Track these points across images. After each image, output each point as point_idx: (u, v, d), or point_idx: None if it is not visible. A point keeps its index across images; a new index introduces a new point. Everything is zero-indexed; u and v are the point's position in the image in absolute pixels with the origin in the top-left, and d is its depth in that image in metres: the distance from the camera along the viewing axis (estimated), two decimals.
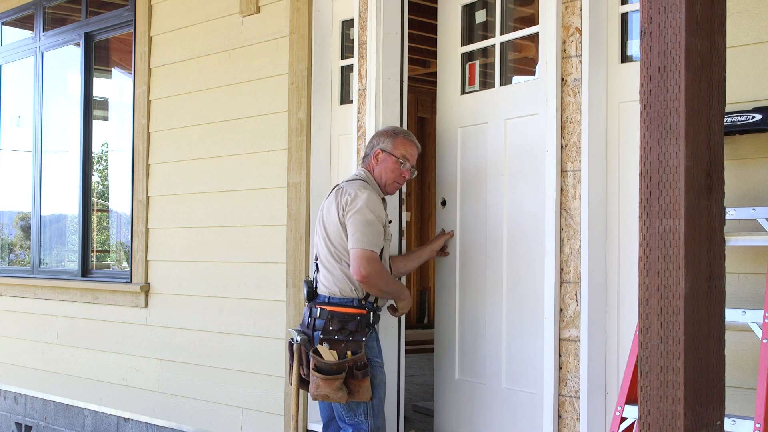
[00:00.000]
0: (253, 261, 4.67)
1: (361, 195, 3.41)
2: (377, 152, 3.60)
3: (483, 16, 4.13)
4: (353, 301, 3.43)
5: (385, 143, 3.61)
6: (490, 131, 3.95)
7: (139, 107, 5.38)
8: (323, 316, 3.41)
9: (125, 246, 6.12)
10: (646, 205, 1.63)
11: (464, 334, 4.07)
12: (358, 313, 3.42)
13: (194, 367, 4.96)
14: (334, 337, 3.37)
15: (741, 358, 2.89)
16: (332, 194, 3.55)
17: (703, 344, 1.61)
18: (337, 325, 3.38)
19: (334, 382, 3.30)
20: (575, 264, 3.41)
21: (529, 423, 3.67)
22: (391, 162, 3.59)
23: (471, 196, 4.05)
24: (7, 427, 6.37)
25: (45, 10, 6.40)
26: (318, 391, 3.33)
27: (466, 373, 4.06)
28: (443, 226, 4.18)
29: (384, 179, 3.61)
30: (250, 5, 4.70)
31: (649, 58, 1.63)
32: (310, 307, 3.48)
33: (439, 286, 4.24)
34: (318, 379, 3.31)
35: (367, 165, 3.65)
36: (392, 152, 3.59)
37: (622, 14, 3.42)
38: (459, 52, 4.16)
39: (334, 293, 3.44)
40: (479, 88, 4.11)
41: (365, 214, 3.37)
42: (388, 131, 3.68)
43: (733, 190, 2.90)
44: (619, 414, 2.91)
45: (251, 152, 4.71)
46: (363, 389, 3.35)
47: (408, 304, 3.62)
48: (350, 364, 3.33)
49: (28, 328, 6.21)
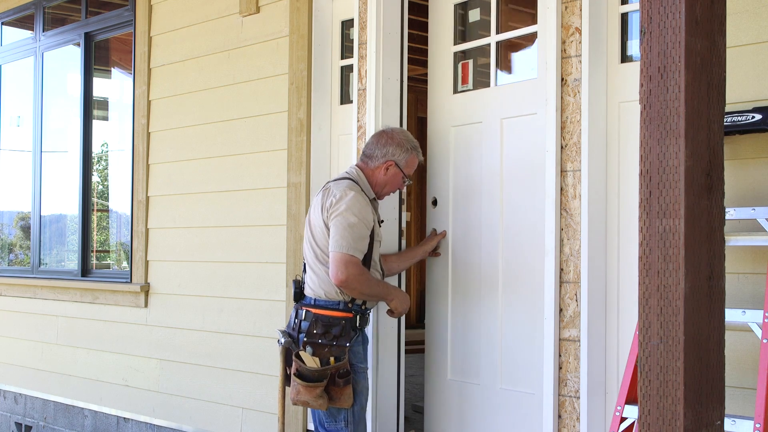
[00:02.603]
0: (253, 261, 4.66)
1: (346, 197, 3.33)
2: (390, 164, 3.51)
3: (477, 15, 4.12)
4: (339, 303, 3.36)
5: (400, 157, 3.53)
6: (484, 130, 3.94)
7: (139, 107, 5.38)
8: (308, 318, 3.35)
9: (125, 246, 6.12)
10: (646, 205, 1.62)
11: (457, 334, 4.05)
12: (343, 316, 3.35)
13: (194, 367, 4.96)
14: (318, 341, 3.31)
15: (741, 358, 2.89)
16: (319, 195, 3.49)
17: (703, 344, 1.61)
18: (321, 329, 3.32)
19: (315, 390, 3.24)
20: (575, 264, 3.41)
21: (528, 423, 3.67)
22: (399, 178, 3.55)
23: (464, 195, 4.04)
24: (6, 427, 6.37)
25: (45, 10, 6.40)
26: (298, 397, 3.28)
27: (459, 374, 4.04)
28: (435, 225, 4.17)
29: (385, 189, 3.57)
30: (250, 5, 4.70)
31: (649, 58, 1.63)
32: (297, 308, 3.43)
33: (431, 284, 4.21)
34: (299, 385, 3.26)
35: (366, 167, 3.55)
36: (403, 169, 3.55)
37: (622, 14, 3.42)
38: (451, 51, 4.14)
39: (319, 296, 3.38)
40: (473, 88, 4.10)
41: (347, 217, 3.29)
42: (402, 142, 3.56)
43: (733, 190, 2.90)
44: (619, 414, 2.91)
45: (251, 152, 4.71)
46: (344, 396, 3.29)
47: (402, 303, 3.53)
48: (333, 371, 3.27)
49: (28, 328, 6.21)
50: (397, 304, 3.50)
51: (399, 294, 3.53)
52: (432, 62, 4.25)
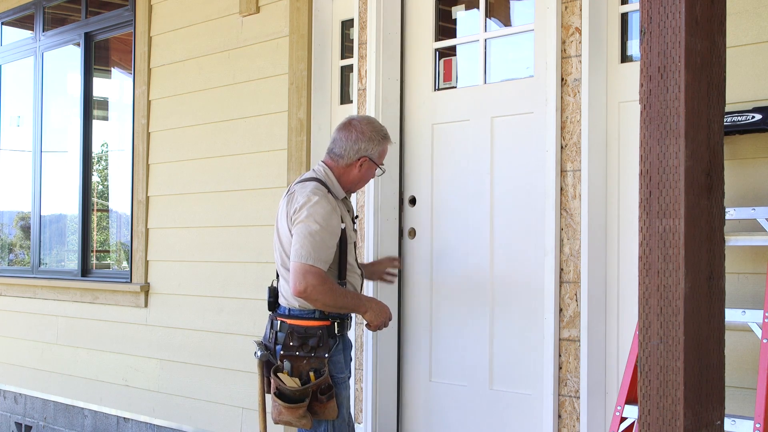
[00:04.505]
0: (253, 261, 4.66)
1: (309, 203, 3.11)
2: (363, 160, 3.27)
3: (463, 10, 4.11)
4: (314, 312, 3.15)
5: (374, 151, 3.29)
6: (472, 129, 3.91)
7: (139, 107, 5.38)
8: (284, 329, 3.17)
9: (125, 246, 6.12)
10: (646, 205, 1.62)
11: (440, 335, 4.00)
12: (320, 325, 3.15)
13: (194, 366, 4.96)
14: (296, 353, 3.13)
15: (741, 358, 2.89)
16: (284, 199, 3.28)
17: (703, 344, 1.61)
18: (297, 341, 3.13)
19: (298, 410, 3.08)
20: (575, 264, 3.41)
21: (525, 424, 3.66)
22: (373, 169, 3.33)
23: (448, 193, 4.00)
24: (6, 427, 6.37)
25: (45, 10, 6.40)
26: (280, 417, 3.12)
27: (441, 376, 4.00)
28: (413, 224, 4.13)
29: (358, 185, 3.35)
30: (250, 5, 4.70)
31: (649, 58, 1.63)
32: (272, 318, 3.26)
33: (410, 283, 4.12)
34: (280, 405, 3.10)
35: (336, 165, 3.29)
36: (377, 162, 3.31)
37: (622, 14, 3.42)
38: (432, 47, 4.11)
39: (293, 305, 3.19)
40: (457, 85, 4.08)
41: (309, 225, 3.08)
42: (372, 134, 3.30)
43: (733, 190, 2.90)
44: (619, 414, 2.91)
45: (251, 152, 4.71)
46: (329, 410, 3.12)
47: (378, 316, 3.24)
48: (314, 389, 3.09)
49: (27, 328, 6.21)
50: (372, 316, 3.23)
51: (373, 305, 3.25)
52: (410, 58, 4.18)
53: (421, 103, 4.14)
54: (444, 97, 4.07)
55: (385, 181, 4.08)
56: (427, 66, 4.12)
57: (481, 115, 3.89)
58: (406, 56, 4.20)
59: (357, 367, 4.14)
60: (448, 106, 4.03)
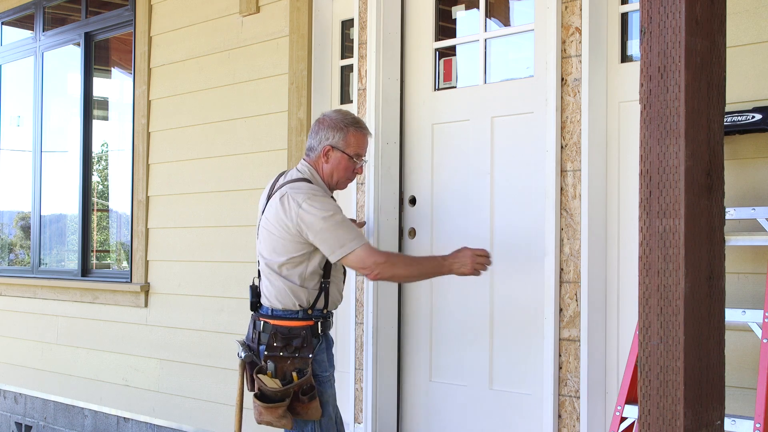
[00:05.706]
0: (253, 261, 4.64)
1: (315, 203, 3.06)
2: (327, 149, 3.19)
3: (463, 10, 4.11)
4: (298, 313, 3.14)
5: (336, 138, 3.19)
6: (472, 129, 3.91)
7: (139, 107, 5.38)
8: (267, 330, 3.14)
9: (125, 246, 6.12)
10: (646, 205, 1.63)
11: (440, 335, 4.00)
12: (303, 325, 3.13)
13: (194, 366, 4.96)
14: (279, 354, 3.11)
15: (741, 358, 2.89)
16: (275, 200, 3.16)
17: (703, 344, 1.61)
18: (281, 342, 3.11)
19: (277, 410, 3.06)
20: (575, 264, 3.41)
21: (525, 424, 3.66)
22: (344, 161, 3.21)
23: (448, 193, 4.00)
24: (7, 426, 6.37)
25: (45, 9, 6.40)
26: (261, 418, 3.11)
27: (441, 375, 4.00)
28: (413, 223, 4.12)
29: (335, 179, 3.24)
30: (250, 5, 4.70)
31: (649, 58, 1.63)
32: (254, 318, 3.22)
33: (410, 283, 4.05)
34: (260, 406, 3.08)
35: (314, 161, 3.24)
36: (345, 150, 3.20)
37: (622, 14, 3.42)
38: (432, 47, 4.11)
39: (275, 306, 3.16)
40: (457, 85, 4.08)
41: (326, 220, 3.03)
42: (335, 122, 3.22)
43: (733, 190, 2.90)
44: (619, 414, 2.91)
45: (251, 152, 4.71)
46: (311, 410, 3.10)
47: (466, 264, 3.13)
48: (295, 389, 3.07)
49: (27, 328, 6.21)
50: (463, 268, 3.15)
51: (455, 260, 3.16)
52: (410, 58, 4.19)
53: (421, 102, 4.14)
54: (444, 97, 4.07)
55: (385, 180, 4.08)
56: (427, 66, 4.12)
57: (481, 115, 3.88)
58: (406, 56, 4.20)
59: (357, 367, 4.14)
60: (448, 106, 4.03)
